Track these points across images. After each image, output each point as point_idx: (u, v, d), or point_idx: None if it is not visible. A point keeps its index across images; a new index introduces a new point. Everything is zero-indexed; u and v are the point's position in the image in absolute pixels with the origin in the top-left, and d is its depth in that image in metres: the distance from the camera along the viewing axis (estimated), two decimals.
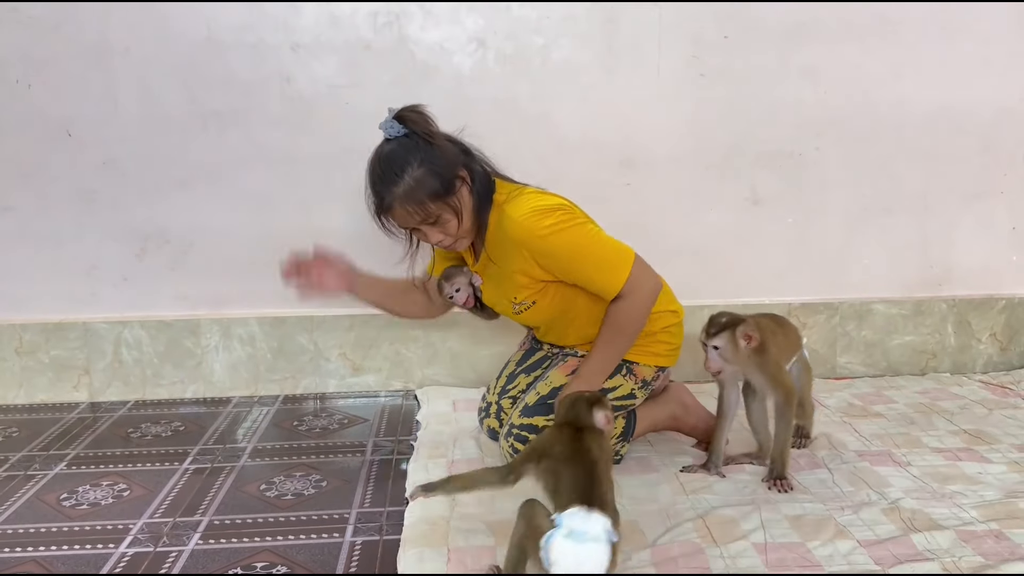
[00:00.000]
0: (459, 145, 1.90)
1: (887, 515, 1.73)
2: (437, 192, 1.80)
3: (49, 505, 1.88)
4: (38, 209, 2.55)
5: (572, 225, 1.84)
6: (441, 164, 1.80)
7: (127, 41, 2.47)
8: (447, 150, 1.83)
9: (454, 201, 1.83)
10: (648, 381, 2.02)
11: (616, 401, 1.97)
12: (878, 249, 2.77)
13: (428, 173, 1.79)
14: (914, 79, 2.68)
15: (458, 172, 1.84)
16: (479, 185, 1.88)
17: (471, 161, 1.90)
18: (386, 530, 1.73)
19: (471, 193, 1.87)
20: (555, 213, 1.83)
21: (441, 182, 1.80)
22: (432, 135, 1.83)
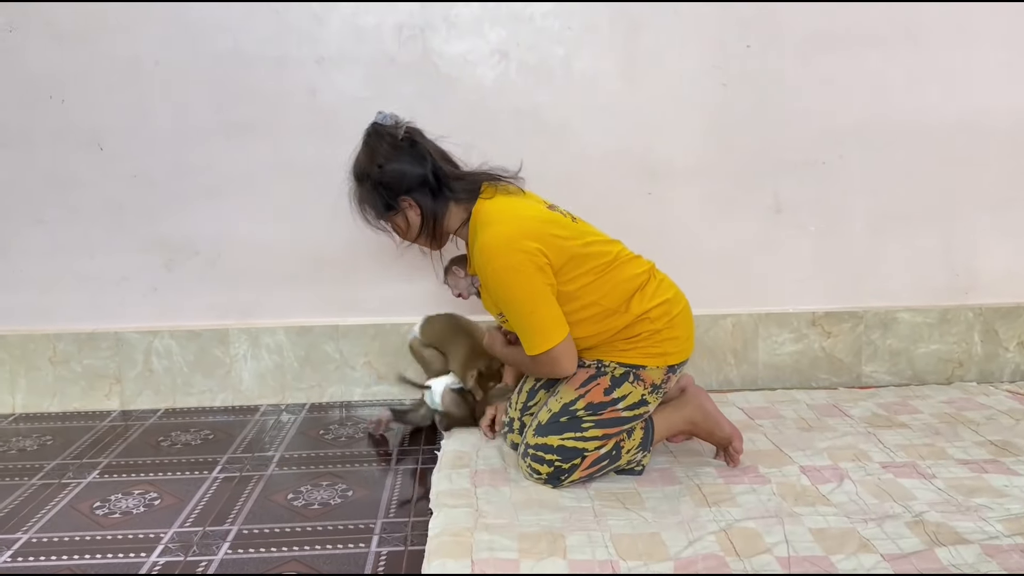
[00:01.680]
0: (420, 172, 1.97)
1: (911, 528, 1.73)
2: (376, 209, 2.03)
3: (83, 514, 1.92)
4: (70, 221, 2.61)
5: (519, 276, 1.86)
6: (385, 187, 1.98)
7: (157, 55, 2.52)
8: (395, 174, 1.96)
9: (393, 219, 2.03)
10: (658, 384, 2.00)
11: (628, 411, 1.97)
12: (903, 257, 2.76)
13: (373, 191, 2.00)
14: (937, 85, 2.66)
15: (399, 199, 1.98)
16: (427, 212, 2.00)
17: (420, 191, 1.98)
18: (411, 540, 1.76)
19: (419, 215, 2.00)
20: (513, 255, 1.86)
21: (382, 203, 2.00)
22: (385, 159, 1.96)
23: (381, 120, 2.02)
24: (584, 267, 1.93)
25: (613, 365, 1.98)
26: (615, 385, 1.96)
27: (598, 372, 1.99)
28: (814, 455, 2.14)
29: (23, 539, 1.79)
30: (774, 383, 2.76)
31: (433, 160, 1.99)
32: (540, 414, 2.02)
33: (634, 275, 1.98)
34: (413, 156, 1.98)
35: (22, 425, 2.55)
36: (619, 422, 1.97)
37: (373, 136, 2.00)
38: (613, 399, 1.95)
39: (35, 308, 2.65)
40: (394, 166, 1.96)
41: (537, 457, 1.96)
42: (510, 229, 1.90)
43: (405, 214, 2.01)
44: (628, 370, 1.97)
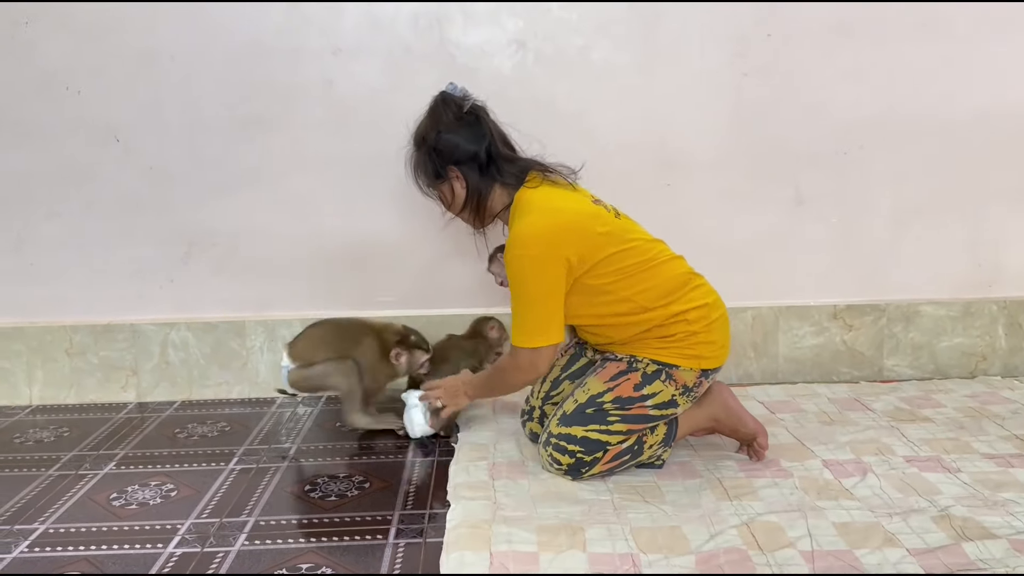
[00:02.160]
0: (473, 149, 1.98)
1: (937, 523, 1.70)
2: (426, 175, 2.04)
3: (99, 505, 1.92)
4: (87, 213, 2.60)
5: (538, 268, 1.88)
6: (437, 154, 1.99)
7: (173, 48, 2.51)
8: (448, 145, 1.98)
9: (439, 187, 2.05)
10: (690, 387, 1.97)
11: (656, 409, 1.95)
12: (925, 250, 2.72)
13: (427, 157, 2.01)
14: (961, 76, 2.62)
15: (448, 169, 1.99)
16: (471, 187, 2.00)
17: (469, 165, 1.99)
18: (428, 533, 1.74)
19: (464, 188, 2.01)
20: (540, 247, 1.87)
21: (431, 170, 2.02)
22: (447, 128, 1.98)
23: (450, 90, 2.04)
24: (622, 263, 1.92)
25: (646, 361, 1.96)
26: (646, 382, 1.94)
27: (629, 367, 1.97)
28: (836, 449, 2.11)
29: (40, 529, 1.79)
30: (795, 377, 2.73)
31: (491, 139, 2.00)
32: (565, 404, 2.00)
33: (673, 275, 1.97)
34: (472, 131, 1.99)
35: (39, 417, 2.55)
36: (646, 419, 1.94)
37: (440, 104, 2.01)
38: (643, 395, 1.93)
39: (52, 300, 2.65)
40: (451, 136, 1.98)
41: (559, 447, 1.94)
42: (545, 221, 1.90)
43: (452, 184, 2.01)
44: (661, 368, 1.95)
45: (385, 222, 2.63)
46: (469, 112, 2.01)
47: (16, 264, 2.63)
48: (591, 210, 1.96)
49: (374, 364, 2.34)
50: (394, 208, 2.62)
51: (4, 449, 2.28)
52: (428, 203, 2.57)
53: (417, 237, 2.64)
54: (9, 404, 2.66)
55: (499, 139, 2.02)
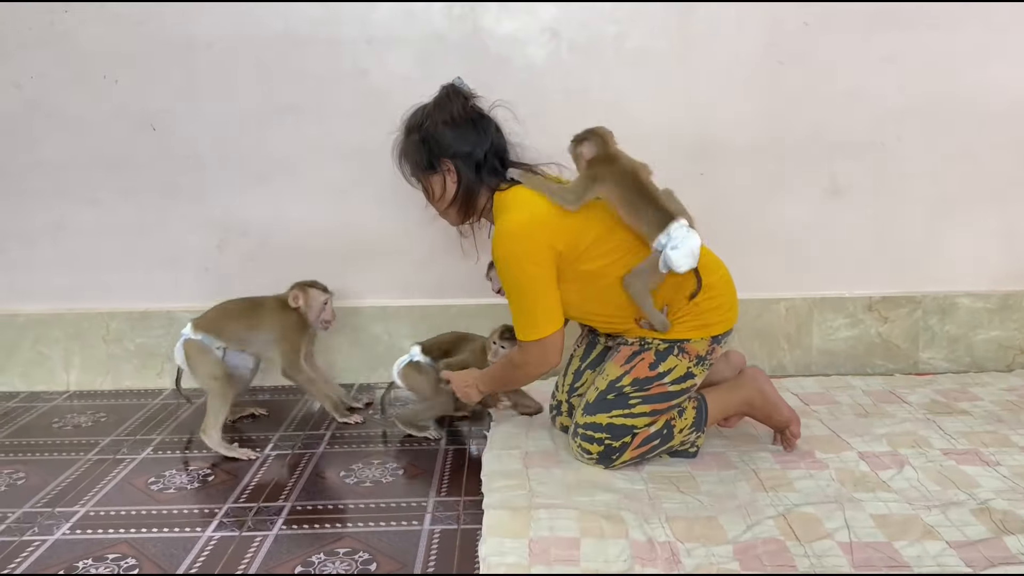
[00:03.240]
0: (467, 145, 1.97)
1: (977, 516, 1.68)
2: (416, 163, 2.03)
3: (138, 488, 1.94)
4: (123, 201, 2.63)
5: (522, 262, 1.88)
6: (431, 146, 1.98)
7: (209, 36, 2.53)
8: (444, 138, 1.97)
9: (426, 179, 2.03)
10: (704, 356, 1.97)
11: (674, 384, 1.94)
12: (962, 241, 2.68)
13: (418, 145, 2.00)
14: (1000, 64, 2.57)
15: (442, 161, 1.98)
16: (463, 183, 1.99)
17: (465, 161, 1.98)
18: (464, 519, 1.75)
19: (455, 184, 2.00)
20: (519, 242, 1.88)
21: (423, 159, 2.00)
22: (450, 120, 1.97)
23: (459, 84, 2.04)
24: (608, 245, 1.92)
25: (656, 341, 1.96)
26: (660, 359, 1.94)
27: (642, 348, 1.97)
28: (872, 441, 2.09)
29: (81, 512, 1.82)
30: (828, 369, 2.70)
31: (492, 140, 2.00)
32: (588, 394, 2.00)
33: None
34: (475, 128, 1.99)
35: (76, 402, 2.59)
36: (667, 397, 1.94)
37: (446, 96, 2.01)
38: (659, 373, 1.93)
39: (89, 287, 2.68)
40: (451, 129, 1.97)
41: (587, 436, 1.94)
42: (521, 216, 1.91)
43: (443, 177, 2.01)
44: (672, 344, 1.95)
45: (416, 211, 2.62)
46: (473, 109, 2.00)
47: (54, 251, 2.66)
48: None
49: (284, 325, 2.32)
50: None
51: (43, 433, 2.32)
52: None
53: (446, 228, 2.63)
54: (47, 389, 2.70)
55: (498, 142, 2.02)
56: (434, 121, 1.98)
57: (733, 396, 2.05)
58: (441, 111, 1.98)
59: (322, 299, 2.38)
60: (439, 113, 1.98)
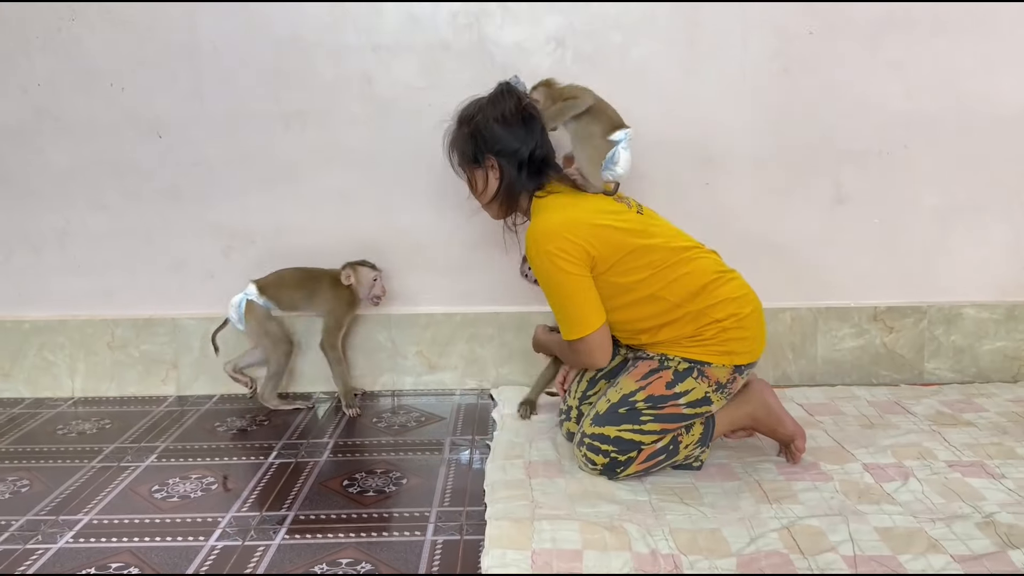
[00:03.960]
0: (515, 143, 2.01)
1: (982, 529, 1.67)
2: (462, 155, 2.09)
3: (142, 497, 1.94)
4: (130, 207, 2.64)
5: (557, 262, 1.89)
6: (479, 140, 2.03)
7: (215, 42, 2.54)
8: (494, 134, 2.01)
9: (471, 171, 2.09)
10: (724, 384, 1.95)
11: (689, 407, 1.93)
12: (968, 251, 2.68)
13: (466, 138, 2.05)
14: (1008, 73, 2.57)
15: (487, 157, 2.03)
16: (506, 181, 2.04)
17: (509, 159, 2.02)
18: (466, 530, 1.75)
19: (498, 180, 2.05)
20: (554, 242, 1.89)
21: (469, 152, 2.06)
22: (500, 118, 2.01)
23: (514, 83, 2.09)
24: (644, 259, 1.92)
25: (677, 360, 1.95)
26: (678, 379, 1.93)
27: (661, 366, 1.96)
28: (877, 453, 2.08)
29: (84, 520, 1.82)
30: (833, 379, 2.69)
31: (538, 143, 2.03)
32: (599, 404, 1.99)
33: (703, 271, 1.95)
34: (524, 128, 2.03)
35: (80, 409, 2.59)
36: (679, 418, 1.93)
37: (501, 93, 2.06)
38: (675, 393, 1.92)
39: (94, 294, 2.69)
40: (500, 127, 2.02)
41: (593, 447, 1.94)
42: (557, 217, 1.93)
43: (487, 172, 2.05)
44: (693, 366, 1.93)
45: (422, 218, 2.63)
46: (525, 109, 2.03)
47: (60, 258, 2.67)
48: (610, 207, 1.99)
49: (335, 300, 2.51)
50: (431, 205, 2.63)
51: (48, 440, 2.33)
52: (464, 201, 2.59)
53: (453, 234, 2.65)
54: (52, 396, 2.71)
55: (544, 144, 2.05)
56: (486, 116, 2.02)
57: (739, 411, 2.05)
58: (494, 107, 2.03)
59: (371, 276, 2.53)
60: (492, 109, 2.03)
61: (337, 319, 2.51)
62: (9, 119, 2.59)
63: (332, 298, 2.51)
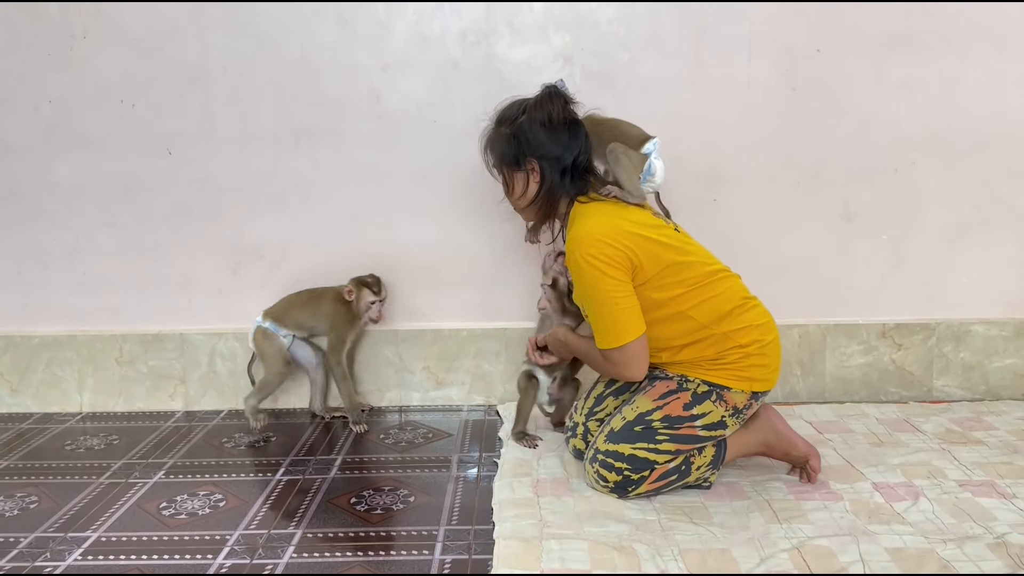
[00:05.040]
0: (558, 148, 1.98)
1: (993, 551, 1.66)
2: (501, 156, 2.03)
3: (150, 514, 1.94)
4: (139, 224, 2.65)
5: (601, 267, 1.86)
6: (521, 142, 1.98)
7: (225, 61, 2.55)
8: (538, 138, 1.97)
9: (509, 173, 2.03)
10: (740, 409, 1.95)
11: (705, 430, 1.93)
12: (977, 267, 2.67)
13: (507, 140, 2.01)
14: (1016, 90, 2.57)
15: (528, 160, 1.99)
16: (546, 186, 1.99)
17: (552, 164, 1.98)
18: (475, 549, 1.74)
19: (538, 184, 2.00)
20: (600, 246, 1.86)
21: (509, 154, 2.01)
22: (546, 121, 1.97)
23: (561, 87, 2.03)
24: (679, 276, 1.91)
25: (697, 382, 1.94)
26: (696, 402, 1.92)
27: (679, 387, 1.95)
28: (887, 471, 2.07)
29: (93, 537, 1.82)
30: (842, 396, 2.69)
31: (582, 149, 2.00)
32: (613, 421, 1.99)
33: (730, 295, 1.95)
34: (569, 133, 1.99)
35: (89, 424, 2.60)
36: (694, 440, 1.93)
37: (548, 96, 1.99)
38: (692, 415, 1.91)
39: (103, 309, 2.70)
40: (545, 130, 1.97)
41: (607, 464, 1.93)
42: (603, 223, 1.90)
43: (527, 175, 2.01)
44: (712, 389, 1.93)
45: (429, 235, 2.64)
46: (571, 113, 2.00)
47: (69, 273, 2.68)
48: (652, 220, 1.96)
49: (336, 315, 2.52)
50: (438, 222, 2.64)
51: (56, 456, 2.33)
52: (473, 217, 2.61)
53: (460, 250, 2.65)
54: (60, 411, 2.71)
55: (587, 151, 2.02)
56: (531, 118, 1.97)
57: (750, 438, 2.04)
58: (540, 110, 1.97)
59: (369, 300, 2.53)
60: (538, 112, 1.97)
61: (339, 335, 2.52)
62: (21, 136, 2.61)
63: (333, 314, 2.52)
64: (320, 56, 2.55)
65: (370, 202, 2.63)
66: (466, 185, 2.59)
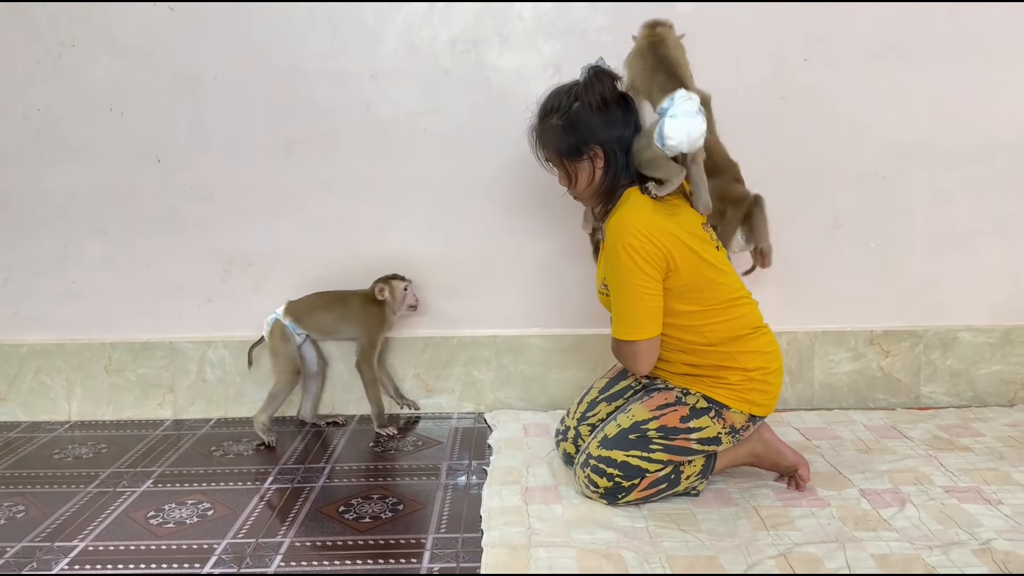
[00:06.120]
0: (619, 127, 1.91)
1: (979, 556, 1.67)
2: (559, 149, 1.95)
3: (138, 523, 1.94)
4: (128, 232, 2.65)
5: (636, 258, 1.84)
6: (578, 130, 1.90)
7: (215, 69, 2.56)
8: (594, 123, 1.89)
9: (571, 165, 1.95)
10: (737, 429, 1.96)
11: (699, 444, 1.93)
12: (965, 275, 2.69)
13: (562, 131, 1.92)
14: (1004, 100, 2.59)
15: (590, 147, 1.91)
16: (612, 170, 1.92)
17: (614, 146, 1.91)
18: (463, 557, 1.74)
19: (603, 170, 1.93)
20: (641, 238, 1.83)
21: (566, 144, 1.93)
22: (600, 103, 1.89)
23: (603, 64, 1.95)
24: (705, 294, 1.91)
25: (697, 396, 1.95)
26: (694, 415, 1.93)
27: (678, 401, 1.96)
28: (874, 478, 2.08)
29: (80, 547, 1.82)
30: (830, 403, 2.70)
31: (637, 122, 1.94)
32: (607, 427, 1.99)
33: (745, 321, 1.95)
34: (624, 109, 1.93)
35: (77, 432, 2.59)
36: (687, 452, 1.94)
37: (593, 78, 1.91)
38: (688, 428, 1.92)
39: (92, 317, 2.69)
40: (601, 113, 1.90)
41: (598, 469, 1.93)
42: (651, 217, 1.86)
43: (592, 163, 1.93)
44: (711, 406, 1.94)
45: (420, 243, 2.64)
46: (619, 91, 1.93)
47: (58, 281, 2.68)
48: (700, 232, 1.93)
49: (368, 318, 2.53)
50: (428, 229, 2.64)
51: (44, 465, 2.32)
52: (463, 224, 2.61)
53: (451, 258, 2.66)
54: (49, 419, 2.70)
55: (641, 126, 1.95)
56: (584, 103, 1.89)
57: (739, 450, 2.05)
58: (591, 93, 1.89)
59: (402, 286, 2.54)
60: (589, 95, 1.89)
61: (371, 338, 2.52)
62: (10, 144, 2.60)
63: (363, 317, 2.52)
64: (310, 64, 2.55)
65: (360, 210, 2.63)
66: (456, 192, 2.60)
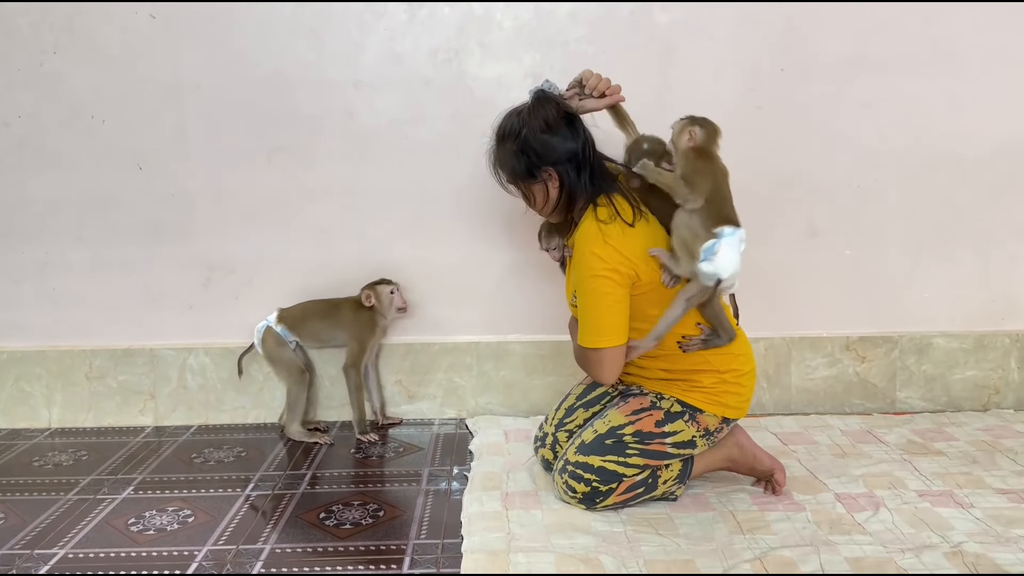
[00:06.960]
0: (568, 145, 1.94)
1: (950, 559, 1.70)
2: (515, 172, 1.98)
3: (118, 530, 1.94)
4: (109, 239, 2.65)
5: (597, 271, 1.87)
6: (529, 155, 1.94)
7: (197, 78, 2.56)
8: (548, 145, 1.93)
9: (526, 187, 1.99)
10: (711, 431, 1.99)
11: (675, 448, 1.96)
12: (939, 282, 2.73)
13: (515, 155, 1.96)
14: (975, 110, 2.64)
15: (542, 169, 1.94)
16: (566, 188, 1.95)
17: (566, 166, 1.94)
18: (443, 563, 1.76)
19: (558, 189, 1.96)
20: (608, 249, 1.86)
21: (521, 168, 1.96)
22: (545, 127, 1.93)
23: (547, 87, 2.01)
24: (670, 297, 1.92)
25: (672, 400, 1.98)
26: (668, 420, 1.96)
27: (652, 405, 1.99)
28: (849, 482, 2.11)
29: (60, 554, 1.82)
30: (807, 408, 2.73)
31: (586, 141, 1.97)
32: (584, 433, 2.01)
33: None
34: (570, 131, 1.96)
35: (57, 440, 2.58)
36: (663, 456, 1.96)
37: (539, 101, 1.97)
38: (663, 432, 1.95)
39: (73, 324, 2.69)
40: (548, 136, 1.93)
41: (576, 475, 1.95)
42: (620, 227, 1.89)
43: (545, 184, 1.97)
44: (685, 410, 1.97)
45: (402, 250, 2.66)
46: (564, 109, 1.97)
47: (39, 289, 2.67)
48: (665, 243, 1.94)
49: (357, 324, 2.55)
50: (409, 237, 2.66)
51: (24, 472, 2.32)
52: (444, 232, 2.63)
53: (432, 265, 2.67)
54: (28, 427, 2.69)
55: (591, 139, 1.99)
56: (531, 128, 1.94)
57: (715, 454, 2.07)
58: (535, 117, 1.94)
59: (388, 290, 2.56)
60: (534, 119, 1.94)
61: (361, 343, 2.54)
62: None
63: (354, 322, 2.54)
64: (293, 73, 2.57)
65: (342, 218, 2.64)
66: (437, 201, 2.62)
